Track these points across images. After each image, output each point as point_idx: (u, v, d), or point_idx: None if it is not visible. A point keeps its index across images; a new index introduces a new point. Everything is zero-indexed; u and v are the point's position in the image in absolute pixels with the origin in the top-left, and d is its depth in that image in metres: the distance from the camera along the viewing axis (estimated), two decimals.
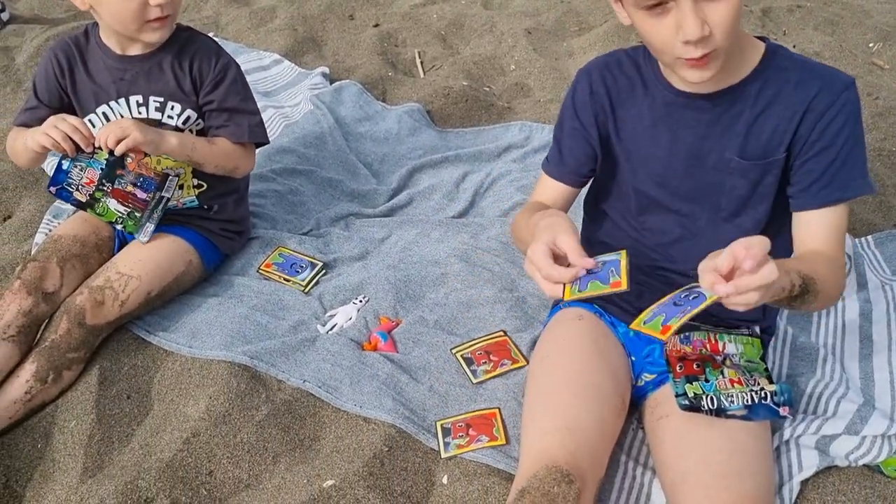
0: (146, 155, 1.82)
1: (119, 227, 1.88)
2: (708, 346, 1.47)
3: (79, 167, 1.78)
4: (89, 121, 1.87)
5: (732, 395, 1.37)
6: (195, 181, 1.97)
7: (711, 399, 1.37)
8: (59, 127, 1.71)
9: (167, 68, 1.85)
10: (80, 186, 1.79)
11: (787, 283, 1.19)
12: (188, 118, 1.89)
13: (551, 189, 1.59)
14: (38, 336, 1.79)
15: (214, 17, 3.71)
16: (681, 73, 1.28)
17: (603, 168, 1.53)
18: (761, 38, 1.37)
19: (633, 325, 1.21)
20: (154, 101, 1.87)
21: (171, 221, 1.97)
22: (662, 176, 1.44)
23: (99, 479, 1.54)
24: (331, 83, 2.99)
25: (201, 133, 1.92)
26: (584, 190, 1.62)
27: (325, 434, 1.63)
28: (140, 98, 1.87)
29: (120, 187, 1.81)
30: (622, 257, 1.22)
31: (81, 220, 1.97)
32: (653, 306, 1.22)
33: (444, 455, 1.57)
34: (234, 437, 1.60)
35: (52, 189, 1.80)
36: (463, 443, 1.57)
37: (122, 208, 1.84)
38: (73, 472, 1.57)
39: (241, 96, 1.91)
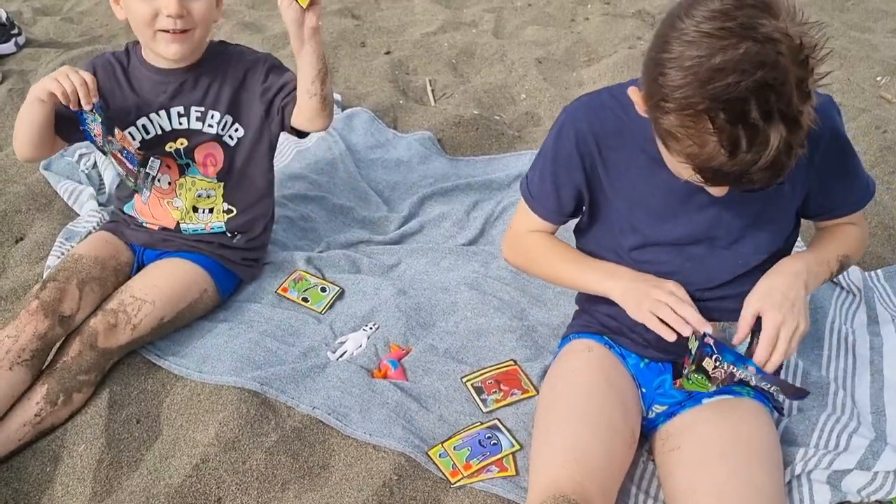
0: (182, 174, 1.92)
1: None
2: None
3: (90, 118, 1.77)
4: (129, 133, 1.88)
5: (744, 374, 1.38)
6: (225, 206, 1.99)
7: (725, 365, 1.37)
8: (70, 77, 1.68)
9: (207, 79, 1.91)
10: (94, 134, 1.80)
11: (826, 275, 1.45)
12: (226, 124, 1.93)
13: (536, 223, 1.60)
14: (50, 359, 1.78)
15: None
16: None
17: (594, 207, 1.53)
18: None
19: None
20: (195, 111, 1.91)
21: (192, 248, 1.98)
22: (660, 213, 1.44)
23: None
24: (342, 110, 3.01)
25: (246, 138, 1.95)
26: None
27: (334, 462, 1.63)
28: (181, 109, 1.90)
29: (115, 151, 1.83)
30: None
31: (103, 242, 1.97)
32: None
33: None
34: (243, 463, 1.59)
35: (80, 128, 1.79)
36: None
37: (121, 169, 1.86)
38: (82, 497, 1.57)
39: (284, 67, 1.97)
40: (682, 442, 1.44)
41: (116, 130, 1.81)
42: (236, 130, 1.95)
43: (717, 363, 1.35)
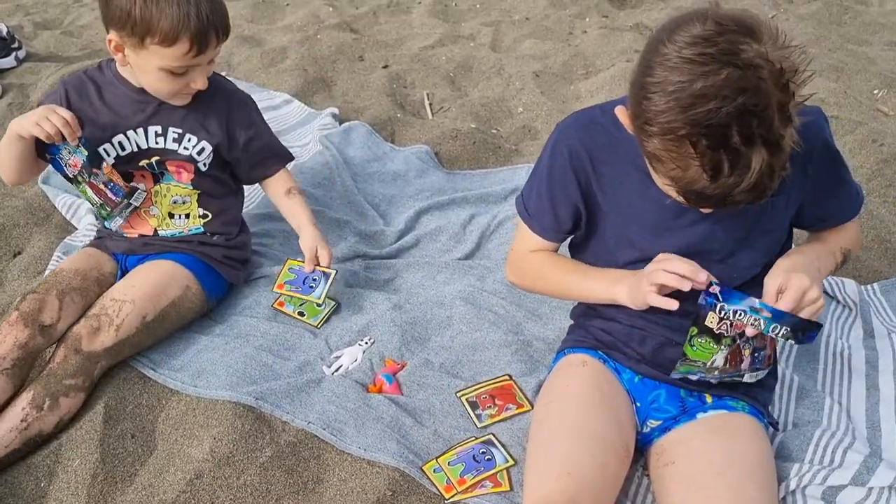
0: (156, 182, 1.96)
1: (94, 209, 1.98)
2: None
3: (67, 150, 1.81)
4: (104, 149, 1.90)
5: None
6: (200, 210, 2.02)
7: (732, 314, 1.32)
8: (51, 119, 1.73)
9: (186, 105, 1.92)
10: (68, 165, 1.82)
11: (833, 265, 1.48)
12: (202, 150, 1.95)
13: (536, 242, 1.61)
14: (35, 369, 1.79)
15: (226, 57, 3.76)
16: None
17: (590, 222, 1.53)
18: None
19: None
20: (173, 132, 1.92)
21: (172, 248, 2.01)
22: (654, 228, 1.44)
23: None
24: (340, 124, 3.02)
25: (216, 162, 2.00)
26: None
27: (328, 477, 1.63)
28: (159, 129, 1.92)
29: (95, 182, 1.85)
30: None
31: (85, 255, 2.00)
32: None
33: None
34: (237, 478, 1.59)
35: (48, 157, 1.83)
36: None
37: (96, 198, 1.89)
38: None
39: (267, 127, 2.10)
40: (677, 457, 1.43)
41: (104, 164, 1.85)
42: (209, 156, 1.97)
43: (723, 315, 1.31)
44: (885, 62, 3.47)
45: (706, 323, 1.32)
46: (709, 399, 1.51)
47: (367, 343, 1.93)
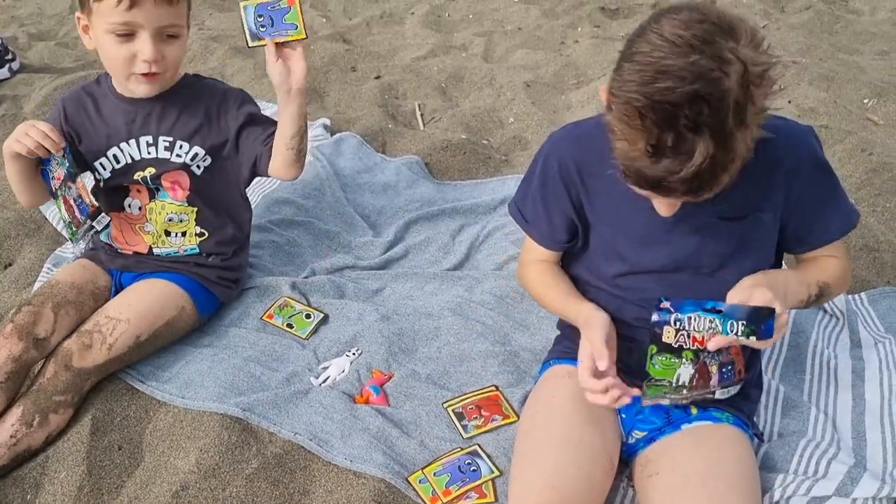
0: (152, 198, 1.93)
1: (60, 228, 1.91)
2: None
3: (56, 162, 1.80)
4: (100, 164, 1.91)
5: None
6: (197, 229, 2.01)
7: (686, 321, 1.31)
8: (30, 134, 1.74)
9: (176, 110, 1.92)
10: (53, 177, 1.82)
11: (804, 295, 1.41)
12: (196, 155, 1.94)
13: (537, 251, 1.62)
14: (27, 383, 1.78)
15: (220, 68, 3.77)
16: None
17: (582, 235, 1.54)
18: None
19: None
20: (164, 140, 1.92)
21: (167, 268, 2.00)
22: (643, 240, 1.45)
23: None
24: (331, 135, 3.03)
25: (213, 167, 1.97)
26: None
27: (315, 488, 1.63)
28: (150, 138, 1.92)
29: (68, 197, 1.84)
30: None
31: (80, 268, 2.00)
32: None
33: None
34: (223, 490, 1.59)
35: (40, 167, 1.82)
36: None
37: (66, 215, 1.86)
38: None
39: (257, 108, 2.00)
40: (661, 468, 1.44)
41: (79, 179, 1.85)
42: (204, 160, 1.96)
43: (679, 326, 1.30)
44: (876, 71, 3.49)
45: (664, 339, 1.32)
46: (693, 410, 1.51)
47: (354, 354, 1.94)
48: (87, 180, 1.92)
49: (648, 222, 1.42)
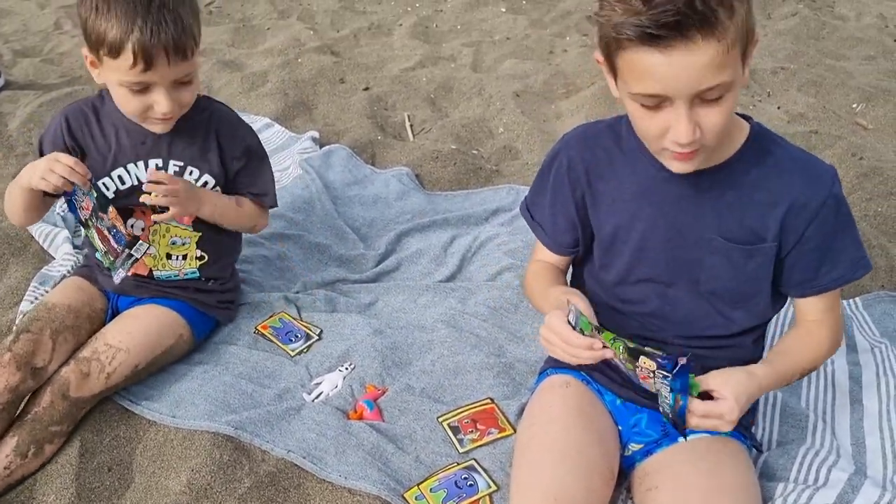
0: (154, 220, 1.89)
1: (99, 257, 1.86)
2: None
3: (82, 192, 1.73)
4: (103, 184, 1.85)
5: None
6: (198, 252, 1.97)
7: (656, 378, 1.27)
8: (55, 171, 1.66)
9: (188, 136, 1.87)
10: (81, 208, 1.76)
11: (758, 393, 1.35)
12: (206, 183, 1.91)
13: (542, 252, 1.61)
14: (21, 409, 1.74)
15: (207, 82, 3.75)
16: (664, 161, 1.29)
17: (584, 240, 1.54)
18: (745, 118, 1.39)
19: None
20: (174, 165, 1.88)
21: (166, 294, 1.96)
22: (641, 248, 1.44)
23: None
24: (320, 147, 3.01)
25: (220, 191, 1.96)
26: None
27: None
28: (160, 162, 1.87)
29: (101, 227, 1.79)
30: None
31: (76, 289, 1.95)
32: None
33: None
34: None
35: (66, 199, 1.76)
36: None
37: (101, 245, 1.80)
38: None
39: (265, 163, 2.01)
40: (660, 482, 1.42)
41: (110, 209, 1.78)
42: (213, 188, 1.93)
43: (653, 376, 1.27)
44: (864, 76, 3.50)
45: (640, 362, 1.27)
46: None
47: (347, 369, 1.91)
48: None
49: (650, 230, 1.42)
